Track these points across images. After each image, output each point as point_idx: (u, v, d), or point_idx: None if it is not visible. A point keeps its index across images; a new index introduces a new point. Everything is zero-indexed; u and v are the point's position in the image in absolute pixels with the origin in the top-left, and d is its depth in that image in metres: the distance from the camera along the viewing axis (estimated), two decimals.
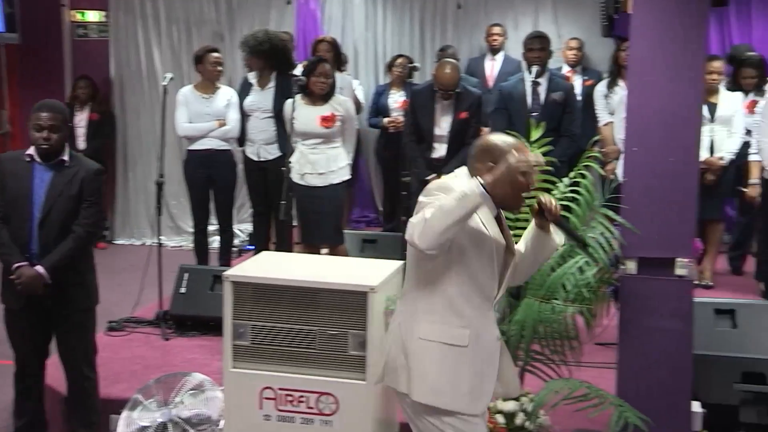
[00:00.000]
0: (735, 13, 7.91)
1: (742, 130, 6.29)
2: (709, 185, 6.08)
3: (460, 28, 8.60)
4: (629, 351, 3.59)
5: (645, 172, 3.52)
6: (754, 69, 6.57)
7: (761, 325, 4.60)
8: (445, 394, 2.70)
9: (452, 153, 5.69)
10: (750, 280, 6.56)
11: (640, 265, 3.57)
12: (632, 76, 3.57)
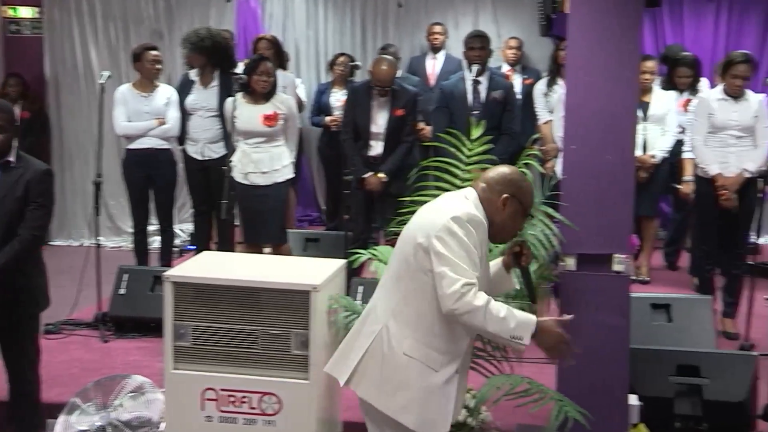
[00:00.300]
0: (668, 14, 8.10)
1: (675, 128, 6.44)
2: (642, 182, 6.21)
3: (401, 27, 8.63)
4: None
5: (583, 170, 3.57)
6: (688, 68, 6.73)
7: (695, 318, 4.73)
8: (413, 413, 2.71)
9: (388, 151, 5.72)
10: (684, 275, 6.71)
11: (578, 261, 3.62)
12: (570, 75, 3.62)
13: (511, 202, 2.77)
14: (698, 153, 5.49)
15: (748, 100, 5.35)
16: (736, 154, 5.36)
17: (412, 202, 3.73)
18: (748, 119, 5.32)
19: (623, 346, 3.61)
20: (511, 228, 2.82)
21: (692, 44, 7.86)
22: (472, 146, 3.73)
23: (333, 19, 8.68)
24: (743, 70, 5.26)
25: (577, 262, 3.62)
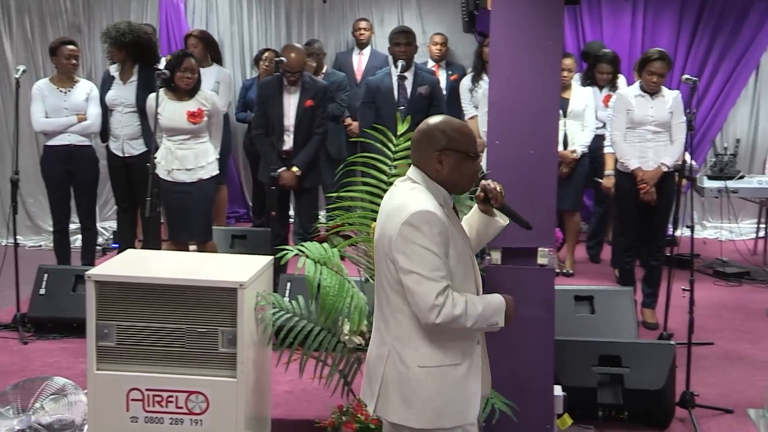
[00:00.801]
0: (587, 12, 8.27)
1: (594, 124, 6.60)
2: (564, 177, 6.34)
3: (326, 23, 8.61)
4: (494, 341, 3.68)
5: (507, 165, 3.62)
6: (608, 65, 6.89)
7: (616, 309, 4.84)
8: (447, 415, 2.61)
9: (300, 144, 5.73)
10: (607, 267, 6.88)
11: (504, 255, 3.67)
12: (493, 70, 3.66)
13: (446, 155, 2.59)
14: (618, 148, 5.62)
15: (664, 97, 5.50)
16: (653, 149, 5.51)
17: (339, 197, 3.73)
18: (664, 115, 5.47)
19: (548, 338, 3.67)
20: (463, 177, 2.63)
21: (611, 41, 8.04)
22: (398, 141, 3.74)
23: (257, 14, 8.60)
24: (659, 67, 5.40)
25: (503, 255, 3.67)
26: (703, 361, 4.80)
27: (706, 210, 8.35)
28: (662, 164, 5.46)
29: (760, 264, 7.07)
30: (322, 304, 3.49)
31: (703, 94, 8.12)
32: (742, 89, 8.22)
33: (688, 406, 4.12)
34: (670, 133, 5.52)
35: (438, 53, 7.81)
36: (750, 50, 8.09)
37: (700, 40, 8.13)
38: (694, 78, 4.95)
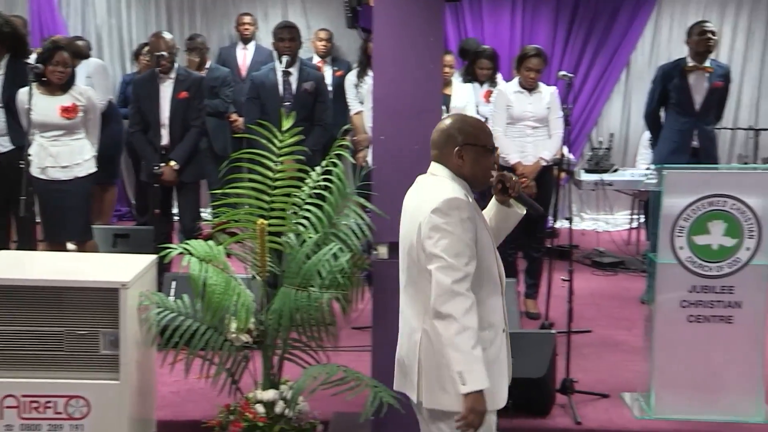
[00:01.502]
0: (468, 9, 8.43)
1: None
2: None
3: (209, 17, 8.48)
4: (383, 333, 3.71)
5: (392, 160, 3.65)
6: (488, 61, 7.03)
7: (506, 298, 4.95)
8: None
9: (176, 138, 5.67)
10: None
11: (391, 249, 3.69)
12: (377, 66, 3.69)
13: (466, 150, 2.74)
14: (499, 143, 5.75)
15: (542, 92, 5.67)
16: (533, 143, 5.66)
17: (224, 194, 3.68)
18: (542, 110, 5.63)
19: None
20: (483, 170, 2.77)
21: (491, 39, 8.24)
22: (283, 137, 3.72)
23: (137, 8, 8.39)
24: (536, 63, 5.56)
25: (389, 250, 3.69)
26: (582, 349, 4.98)
27: (584, 202, 8.65)
28: (541, 158, 5.62)
29: (633, 253, 7.38)
30: (208, 302, 3.44)
31: (579, 90, 8.42)
32: (615, 85, 8.57)
33: (567, 392, 4.26)
34: (548, 127, 5.69)
35: (323, 49, 7.80)
36: (621, 48, 8.44)
37: (575, 39, 8.42)
38: (570, 74, 5.11)
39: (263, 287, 3.63)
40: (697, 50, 5.88)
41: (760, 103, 8.62)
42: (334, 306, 3.55)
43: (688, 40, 6.00)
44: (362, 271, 3.72)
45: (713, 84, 5.92)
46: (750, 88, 8.61)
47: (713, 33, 5.89)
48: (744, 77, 8.55)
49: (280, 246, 3.65)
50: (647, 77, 7.51)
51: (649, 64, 8.43)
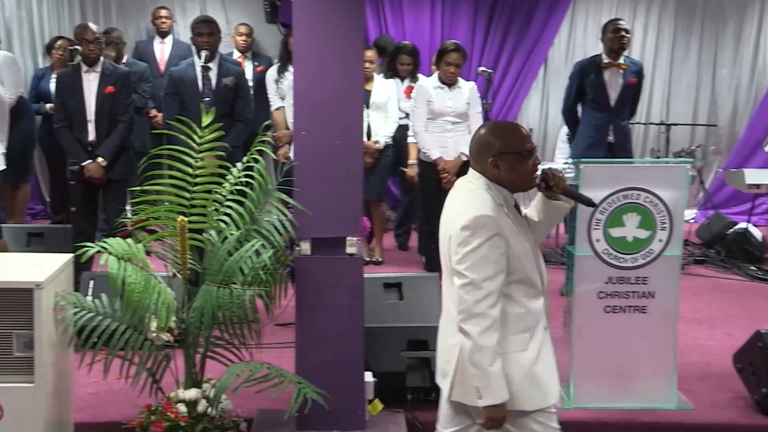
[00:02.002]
0: (389, 5, 8.47)
1: (397, 114, 6.77)
2: (369, 168, 6.47)
3: (124, 10, 8.30)
4: (306, 329, 3.71)
5: (313, 155, 3.64)
6: (409, 56, 7.08)
7: (424, 295, 4.98)
8: (523, 398, 2.75)
9: (103, 133, 5.55)
10: (414, 254, 7.08)
11: (313, 245, 3.69)
12: (297, 62, 3.67)
13: (501, 159, 2.77)
14: (420, 138, 5.80)
15: (461, 88, 5.73)
16: (453, 138, 5.72)
17: (143, 191, 3.62)
18: (462, 105, 5.70)
19: (358, 325, 3.74)
20: (521, 176, 2.80)
21: (411, 34, 8.29)
22: (203, 133, 3.67)
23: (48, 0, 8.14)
24: (455, 58, 5.62)
25: (312, 246, 3.69)
26: None
27: None
28: (462, 153, 5.68)
29: (553, 246, 7.52)
30: (127, 301, 3.37)
31: (498, 86, 8.55)
32: (533, 81, 8.72)
33: None
34: (468, 123, 5.75)
35: (243, 44, 7.73)
36: (539, 45, 8.60)
37: (494, 35, 8.54)
38: (489, 70, 5.19)
39: (184, 285, 3.58)
40: (612, 47, 6.03)
41: (670, 99, 8.89)
42: (257, 303, 3.52)
43: (602, 37, 6.14)
44: (285, 268, 3.70)
45: (627, 80, 6.08)
46: (661, 85, 8.87)
47: (626, 31, 6.04)
48: (655, 74, 8.80)
49: (201, 243, 3.60)
50: (564, 73, 7.66)
51: (566, 60, 8.61)
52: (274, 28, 7.87)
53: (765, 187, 6.71)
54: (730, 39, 8.85)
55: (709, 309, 5.86)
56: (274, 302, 3.59)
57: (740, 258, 6.93)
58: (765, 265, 6.89)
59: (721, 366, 4.65)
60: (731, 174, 7.21)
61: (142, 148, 7.07)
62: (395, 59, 7.11)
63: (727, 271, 6.86)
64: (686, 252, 6.98)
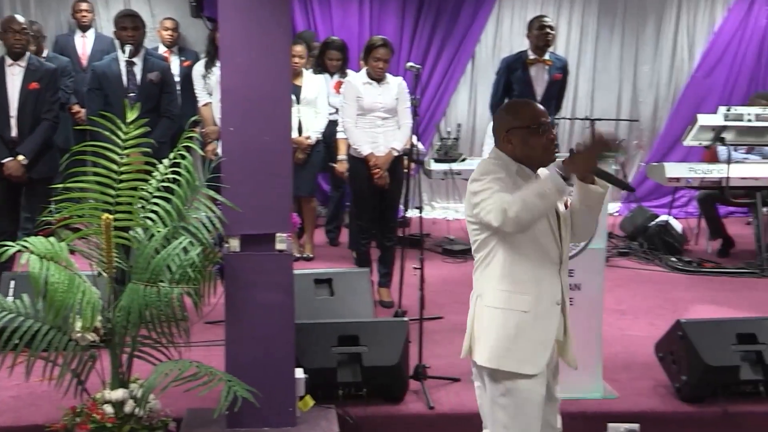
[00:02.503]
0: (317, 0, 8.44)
1: (327, 110, 6.76)
2: (299, 164, 6.45)
3: (43, 3, 8.09)
4: (236, 326, 3.68)
5: (242, 152, 3.61)
6: (338, 51, 7.07)
7: (354, 290, 5.00)
8: (506, 358, 2.86)
9: (25, 130, 5.42)
10: (345, 250, 7.09)
11: (242, 242, 3.66)
12: (224, 57, 3.62)
13: (513, 134, 2.87)
14: (350, 134, 5.79)
15: (390, 83, 5.74)
16: (383, 134, 5.73)
17: (66, 189, 3.53)
18: (391, 101, 5.71)
19: (288, 322, 3.72)
20: (534, 150, 2.86)
21: (339, 30, 8.28)
22: (128, 129, 3.60)
23: None
24: (383, 53, 5.63)
25: (241, 242, 3.66)
26: (434, 335, 5.09)
27: (434, 191, 8.85)
28: (392, 149, 5.70)
29: None
30: (51, 301, 3.29)
31: (427, 82, 8.60)
32: (461, 77, 8.80)
33: (420, 378, 4.35)
34: (397, 118, 5.77)
35: (169, 38, 7.61)
36: (466, 40, 8.68)
37: (422, 31, 8.59)
38: (417, 66, 5.21)
39: (110, 284, 3.51)
40: (537, 44, 6.13)
41: (594, 94, 9.08)
42: (186, 301, 3.48)
43: (528, 33, 6.24)
44: (214, 265, 3.67)
45: (553, 76, 6.19)
46: (585, 81, 9.05)
47: (551, 27, 6.15)
48: (580, 70, 8.98)
49: (128, 241, 3.54)
50: (491, 69, 7.76)
51: (493, 56, 8.71)
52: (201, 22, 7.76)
53: (684, 180, 6.90)
54: (650, 36, 9.07)
55: (632, 300, 6.01)
56: (203, 300, 3.55)
57: (662, 249, 7.12)
58: (685, 256, 7.09)
59: (644, 355, 4.78)
60: (652, 168, 7.40)
61: (65, 144, 6.89)
62: (324, 54, 7.09)
63: (649, 262, 7.04)
64: (610, 244, 7.15)
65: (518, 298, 2.87)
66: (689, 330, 4.20)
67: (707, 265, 6.87)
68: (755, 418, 4.17)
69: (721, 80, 9.03)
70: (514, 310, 2.88)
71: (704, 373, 4.15)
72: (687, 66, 9.12)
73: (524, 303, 2.87)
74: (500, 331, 2.88)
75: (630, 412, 4.18)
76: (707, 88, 9.03)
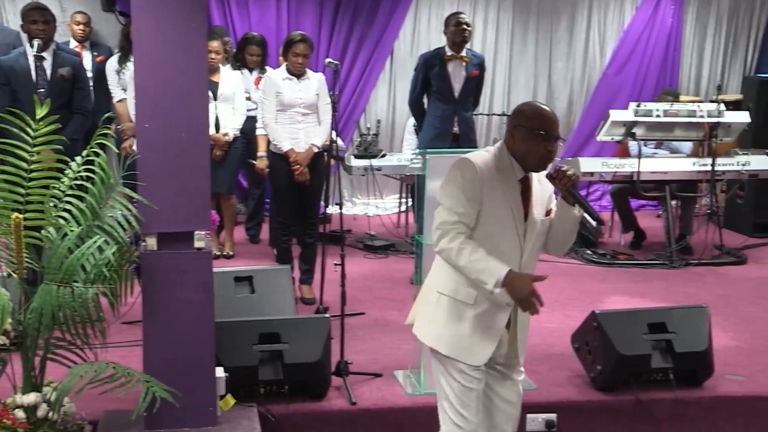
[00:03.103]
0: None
1: (245, 106, 6.71)
2: (218, 160, 6.39)
3: None
4: (153, 326, 3.62)
5: (159, 148, 3.55)
6: (257, 47, 7.01)
7: (275, 288, 4.97)
8: (445, 342, 3.01)
9: None
10: (266, 247, 7.04)
11: (160, 240, 3.60)
12: (138, 52, 3.55)
13: (518, 131, 2.96)
14: (270, 130, 5.75)
15: (310, 79, 5.73)
16: (304, 130, 5.71)
17: None
18: (311, 97, 5.69)
19: (208, 321, 3.68)
20: (530, 153, 2.95)
21: (257, 26, 8.21)
22: (38, 126, 3.50)
23: None
24: (302, 48, 5.61)
25: (159, 241, 3.60)
26: (356, 331, 5.11)
27: (354, 187, 8.85)
28: (313, 145, 5.69)
29: (402, 236, 7.66)
30: None
31: (346, 78, 8.60)
32: (381, 73, 8.82)
33: (342, 374, 4.35)
34: (317, 114, 5.75)
35: (81, 33, 7.41)
36: (384, 37, 8.70)
37: (340, 27, 8.58)
38: (336, 62, 5.21)
39: (21, 285, 3.41)
40: (454, 40, 6.19)
41: (510, 90, 9.22)
42: (102, 301, 3.41)
43: (445, 30, 6.30)
44: (131, 264, 3.60)
45: (470, 73, 6.26)
46: (502, 77, 9.18)
47: (467, 24, 6.22)
48: (496, 67, 9.10)
49: (39, 241, 3.45)
50: (410, 65, 7.80)
51: (411, 52, 8.76)
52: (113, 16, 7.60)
53: (598, 174, 7.07)
54: (563, 34, 9.26)
55: (549, 292, 6.03)
56: (119, 300, 3.49)
57: (577, 243, 7.28)
58: (599, 249, 7.28)
59: (561, 347, 4.89)
60: (567, 163, 7.55)
61: None
62: (244, 50, 7.02)
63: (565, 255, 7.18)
64: None
65: (465, 291, 2.99)
66: (603, 321, 4.31)
67: (621, 257, 7.07)
68: (665, 405, 4.32)
69: (631, 77, 9.28)
70: (459, 300, 3.01)
71: (617, 363, 4.27)
72: (599, 63, 9.34)
73: (470, 297, 2.99)
74: (440, 316, 3.04)
75: (548, 403, 4.28)
76: (618, 85, 9.27)
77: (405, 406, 4.19)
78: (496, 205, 2.95)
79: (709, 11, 9.42)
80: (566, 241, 3.15)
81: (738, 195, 7.98)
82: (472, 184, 2.92)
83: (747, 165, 7.10)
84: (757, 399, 4.39)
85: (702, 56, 9.50)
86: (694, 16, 9.41)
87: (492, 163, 2.98)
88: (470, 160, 2.96)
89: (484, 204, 2.94)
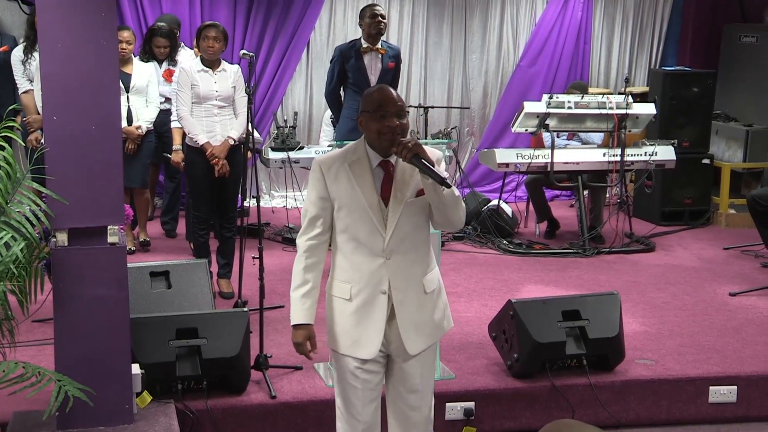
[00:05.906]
0: None
1: (158, 99, 6.59)
2: (131, 154, 6.26)
3: None
4: (66, 324, 3.53)
5: (68, 141, 3.46)
6: (164, 39, 6.87)
7: (193, 282, 4.91)
8: (335, 340, 3.09)
9: None
10: (183, 241, 6.94)
11: (71, 236, 3.51)
12: (43, 42, 3.44)
13: (363, 118, 3.04)
14: (185, 123, 5.66)
15: (226, 71, 5.66)
16: (220, 123, 5.64)
17: None
18: (227, 89, 5.62)
19: (122, 317, 3.61)
20: (372, 133, 3.00)
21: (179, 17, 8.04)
22: None
23: None
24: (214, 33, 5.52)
25: (70, 236, 3.51)
26: (276, 324, 5.09)
27: (273, 180, 8.79)
28: (229, 137, 5.62)
29: None
30: None
31: (263, 70, 8.52)
32: (297, 65, 8.77)
33: (262, 368, 4.33)
34: (234, 107, 5.69)
35: None
36: (300, 30, 8.64)
37: (255, 19, 8.48)
38: (251, 53, 5.16)
39: None
40: (370, 32, 6.20)
41: (427, 82, 9.29)
42: (11, 299, 3.31)
43: (360, 22, 6.30)
44: (41, 261, 3.50)
45: (387, 65, 6.28)
46: (418, 69, 9.23)
47: (383, 16, 6.24)
48: (412, 59, 9.15)
49: None
50: (326, 57, 7.77)
51: (328, 44, 8.73)
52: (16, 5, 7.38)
53: (513, 165, 7.19)
54: (477, 27, 9.36)
55: (467, 282, 6.23)
56: (29, 298, 3.39)
57: (494, 233, 7.40)
58: (515, 239, 7.41)
59: (479, 336, 4.97)
60: (484, 154, 7.66)
61: None
62: (150, 42, 6.88)
63: (483, 245, 7.31)
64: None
65: (341, 286, 3.08)
66: (519, 309, 4.40)
67: (536, 247, 7.21)
68: (579, 390, 4.44)
69: (544, 69, 9.44)
70: (338, 297, 3.09)
71: (533, 350, 4.37)
72: (513, 55, 9.48)
73: (346, 291, 3.06)
74: (330, 314, 3.13)
75: (466, 391, 4.34)
76: (532, 77, 9.42)
77: (325, 398, 4.19)
78: (347, 198, 3.01)
79: (617, 6, 9.66)
80: (444, 214, 3.00)
81: (646, 185, 8.22)
82: (318, 184, 3.04)
83: (654, 155, 7.33)
84: (665, 381, 4.54)
85: (611, 49, 9.74)
86: (603, 11, 9.63)
87: (342, 158, 3.06)
88: (315, 160, 3.08)
89: (335, 200, 3.02)
